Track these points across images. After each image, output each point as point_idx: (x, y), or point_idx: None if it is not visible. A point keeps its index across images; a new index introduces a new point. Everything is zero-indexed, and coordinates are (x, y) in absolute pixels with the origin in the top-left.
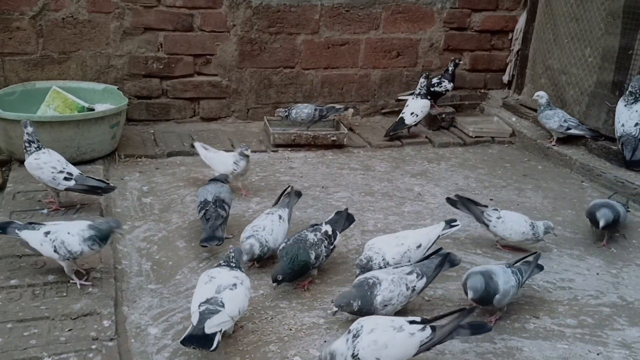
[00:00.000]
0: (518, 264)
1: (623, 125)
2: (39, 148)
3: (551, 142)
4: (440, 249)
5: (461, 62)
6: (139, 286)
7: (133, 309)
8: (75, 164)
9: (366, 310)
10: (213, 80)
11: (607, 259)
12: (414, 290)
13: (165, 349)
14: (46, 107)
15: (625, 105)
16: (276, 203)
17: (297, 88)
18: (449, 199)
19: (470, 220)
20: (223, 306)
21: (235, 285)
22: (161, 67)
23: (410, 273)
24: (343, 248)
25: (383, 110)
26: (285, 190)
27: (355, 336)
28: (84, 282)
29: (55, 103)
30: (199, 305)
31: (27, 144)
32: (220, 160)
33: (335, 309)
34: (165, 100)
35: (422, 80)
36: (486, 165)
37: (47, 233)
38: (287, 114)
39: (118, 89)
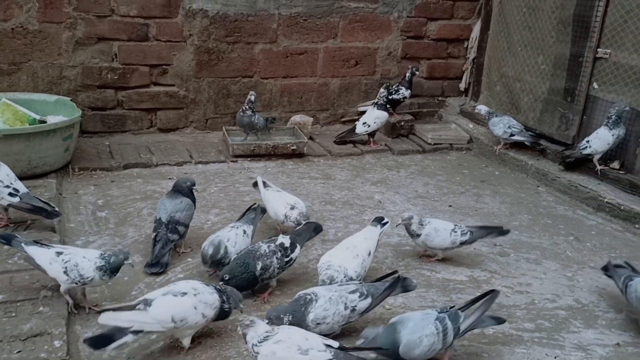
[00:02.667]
0: (473, 305)
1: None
2: None
3: (499, 148)
4: (396, 272)
5: (418, 71)
6: (92, 304)
7: (87, 327)
8: (26, 178)
9: (297, 326)
10: (170, 90)
11: (563, 262)
12: (354, 310)
13: None
14: None
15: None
16: (240, 218)
17: (256, 97)
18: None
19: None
20: (148, 307)
21: (185, 293)
22: (116, 77)
23: (353, 292)
24: (304, 258)
25: (343, 119)
26: (250, 206)
27: (266, 338)
28: (72, 309)
29: (5, 115)
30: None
31: None
32: (274, 206)
33: (266, 321)
34: (121, 112)
35: (382, 91)
36: (445, 172)
37: (59, 253)
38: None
39: (71, 100)
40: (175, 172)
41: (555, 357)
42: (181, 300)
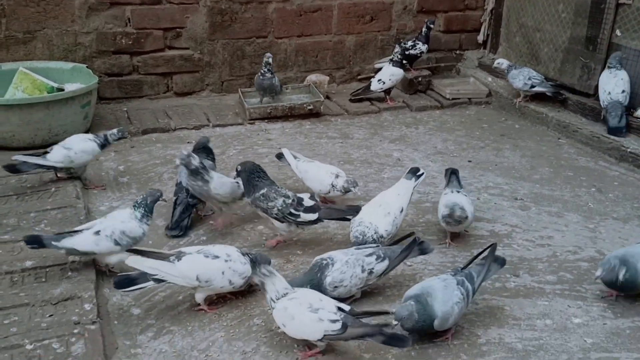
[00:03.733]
0: (471, 265)
1: (609, 93)
2: None
3: (519, 100)
4: (412, 233)
5: (434, 25)
6: (119, 267)
7: (115, 290)
8: (48, 146)
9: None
10: (185, 53)
11: (585, 214)
12: (371, 272)
13: (149, 328)
14: (14, 90)
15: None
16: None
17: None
18: None
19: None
20: (177, 261)
21: (217, 257)
22: (130, 42)
23: (370, 255)
24: None
25: (359, 77)
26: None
27: (284, 294)
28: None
29: (23, 85)
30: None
31: None
32: (316, 177)
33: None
34: (137, 77)
35: (396, 48)
36: (464, 127)
37: (97, 232)
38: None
39: (87, 67)
40: (193, 136)
41: (577, 308)
42: (210, 263)
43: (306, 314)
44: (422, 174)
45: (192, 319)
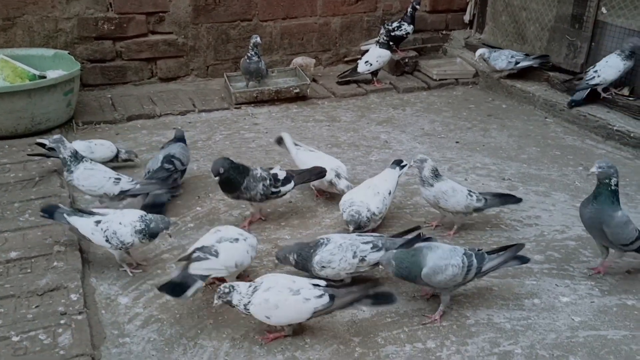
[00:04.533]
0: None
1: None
2: None
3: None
4: (419, 227)
5: (419, 5)
6: (105, 256)
7: (101, 279)
8: (31, 134)
9: (302, 266)
10: (168, 38)
11: (572, 193)
12: (363, 260)
13: (137, 317)
14: None
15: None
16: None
17: (259, 43)
18: None
19: None
20: (217, 255)
21: (237, 239)
22: (112, 28)
23: (366, 243)
24: (312, 202)
25: (346, 59)
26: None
27: (254, 290)
28: (133, 270)
29: (4, 73)
30: (193, 251)
31: None
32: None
33: (276, 261)
34: (121, 63)
35: (382, 29)
36: (451, 107)
37: (97, 222)
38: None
39: (69, 53)
40: (179, 122)
41: (565, 287)
42: (238, 247)
43: (290, 298)
44: (405, 164)
45: (181, 307)
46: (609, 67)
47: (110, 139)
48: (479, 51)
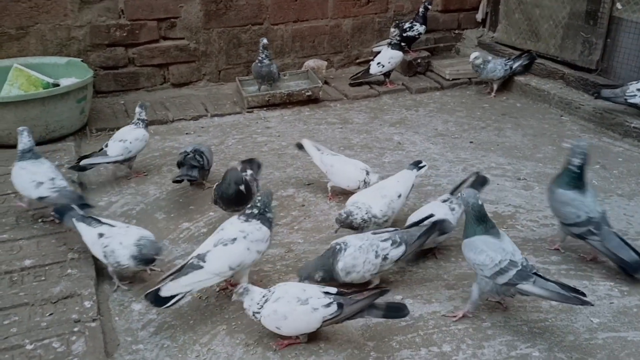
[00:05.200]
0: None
1: None
2: None
3: (490, 93)
4: (432, 215)
5: (431, 5)
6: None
7: (113, 286)
8: (45, 143)
9: (330, 278)
10: (180, 44)
11: None
12: (386, 258)
13: (150, 324)
14: (10, 87)
15: None
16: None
17: (268, 44)
18: None
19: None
20: (202, 267)
21: (234, 239)
22: (125, 34)
23: (385, 240)
24: (325, 205)
25: (357, 61)
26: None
27: (265, 300)
28: (122, 285)
29: (18, 81)
30: (191, 258)
31: None
32: (343, 172)
33: (298, 279)
34: (133, 69)
35: (393, 30)
36: (465, 107)
37: (100, 235)
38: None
39: (82, 61)
40: (192, 127)
41: (583, 288)
42: (232, 248)
43: (298, 308)
44: (424, 165)
45: (194, 313)
46: None
47: None
48: (474, 54)
